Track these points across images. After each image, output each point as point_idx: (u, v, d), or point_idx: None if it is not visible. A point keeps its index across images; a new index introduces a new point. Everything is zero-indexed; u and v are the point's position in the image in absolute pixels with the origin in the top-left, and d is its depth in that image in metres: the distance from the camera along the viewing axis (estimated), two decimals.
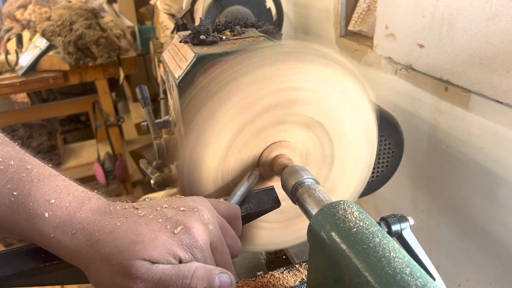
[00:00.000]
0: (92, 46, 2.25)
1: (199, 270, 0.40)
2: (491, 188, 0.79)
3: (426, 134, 0.93)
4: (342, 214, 0.42)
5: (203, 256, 0.42)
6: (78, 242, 0.40)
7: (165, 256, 0.39)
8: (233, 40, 0.73)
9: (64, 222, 0.41)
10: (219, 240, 0.45)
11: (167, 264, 0.39)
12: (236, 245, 0.48)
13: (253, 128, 0.56)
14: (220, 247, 0.45)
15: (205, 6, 1.09)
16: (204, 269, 0.41)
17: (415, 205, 1.03)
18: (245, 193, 0.54)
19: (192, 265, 0.40)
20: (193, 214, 0.43)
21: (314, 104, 0.57)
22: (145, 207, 0.43)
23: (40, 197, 0.41)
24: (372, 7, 1.12)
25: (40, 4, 2.75)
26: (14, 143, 0.46)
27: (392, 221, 0.50)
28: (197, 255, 0.41)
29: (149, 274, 0.38)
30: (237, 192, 0.53)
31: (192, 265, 0.40)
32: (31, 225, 0.41)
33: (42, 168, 0.44)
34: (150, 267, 0.39)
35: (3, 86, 2.19)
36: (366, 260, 0.36)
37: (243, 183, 0.55)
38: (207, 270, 0.41)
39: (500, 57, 0.69)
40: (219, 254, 0.44)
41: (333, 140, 0.60)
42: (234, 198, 0.53)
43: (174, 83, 0.66)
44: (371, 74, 1.08)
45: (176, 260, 0.40)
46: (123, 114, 3.22)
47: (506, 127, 0.73)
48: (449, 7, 0.78)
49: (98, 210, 0.42)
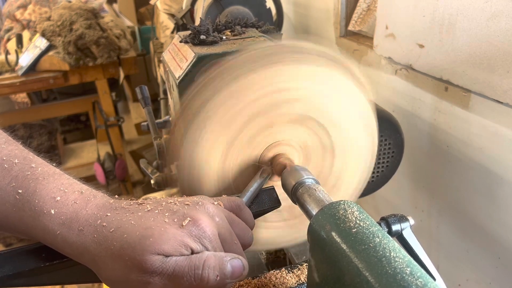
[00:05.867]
0: (92, 46, 2.25)
1: (210, 259, 0.41)
2: (491, 188, 0.79)
3: (426, 134, 0.93)
4: (343, 214, 0.42)
5: (213, 246, 0.42)
6: (85, 239, 0.40)
7: (177, 248, 0.40)
8: (233, 40, 0.73)
9: (71, 219, 0.41)
10: (227, 231, 0.45)
11: (179, 256, 0.40)
12: (247, 235, 0.48)
13: (243, 138, 0.56)
14: (229, 238, 0.45)
15: (205, 6, 1.09)
16: (214, 258, 0.41)
17: (415, 205, 1.03)
18: (257, 190, 0.54)
19: (203, 255, 0.41)
20: (198, 207, 0.44)
21: (299, 101, 0.57)
22: (150, 203, 0.44)
23: (45, 194, 0.41)
24: (372, 7, 1.12)
25: (40, 4, 2.74)
26: (17, 142, 0.47)
27: (392, 221, 0.50)
28: (207, 245, 0.42)
29: (164, 267, 0.39)
30: (249, 189, 0.54)
31: (203, 255, 0.41)
32: (37, 223, 0.41)
33: (46, 166, 0.44)
34: (164, 260, 0.39)
35: (3, 86, 2.19)
36: (366, 260, 0.36)
37: (255, 179, 0.55)
38: (218, 258, 0.41)
39: (500, 57, 0.69)
40: (228, 244, 0.44)
41: (329, 130, 0.60)
42: (247, 195, 0.53)
43: (174, 83, 0.66)
44: (371, 74, 1.08)
45: (188, 251, 0.40)
46: (123, 114, 3.22)
47: (506, 127, 0.73)
48: (449, 7, 0.78)
49: (104, 207, 0.42)
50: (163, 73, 0.98)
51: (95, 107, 2.59)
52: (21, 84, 2.21)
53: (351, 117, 0.60)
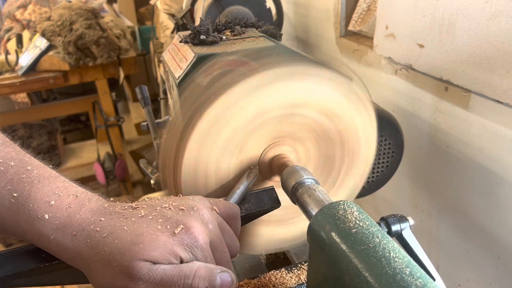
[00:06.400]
0: (92, 46, 2.25)
1: (201, 270, 0.40)
2: (491, 188, 0.79)
3: (426, 134, 0.93)
4: (342, 214, 0.42)
5: (204, 256, 0.42)
6: (78, 244, 0.40)
7: (166, 257, 0.39)
8: (233, 40, 0.73)
9: (64, 224, 0.41)
10: (219, 239, 0.45)
11: (168, 264, 0.39)
12: (235, 245, 0.48)
13: (243, 138, 0.56)
14: (220, 246, 0.45)
15: (205, 6, 1.09)
16: (205, 269, 0.41)
17: (415, 205, 1.03)
18: (245, 192, 0.54)
19: (193, 265, 0.40)
20: (193, 213, 0.43)
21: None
22: (144, 207, 0.43)
23: (40, 198, 0.41)
24: (372, 7, 1.12)
25: (40, 4, 2.75)
26: (14, 143, 0.46)
27: (392, 221, 0.50)
28: (197, 255, 0.41)
29: (150, 275, 0.38)
30: (236, 191, 0.53)
31: (194, 265, 0.40)
32: (31, 227, 0.41)
33: (42, 169, 0.44)
34: (152, 268, 0.39)
35: (3, 86, 2.19)
36: (366, 260, 0.36)
37: (242, 182, 0.54)
38: (209, 269, 0.41)
39: (500, 57, 0.69)
40: (219, 253, 0.44)
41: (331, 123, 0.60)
42: (233, 197, 0.52)
43: (174, 83, 0.66)
44: (371, 74, 1.07)
45: (177, 260, 0.40)
46: (123, 114, 3.22)
47: (506, 127, 0.73)
48: (449, 7, 0.77)
49: (98, 211, 0.42)
50: (163, 73, 0.98)
51: (95, 107, 2.59)
52: (21, 84, 2.20)
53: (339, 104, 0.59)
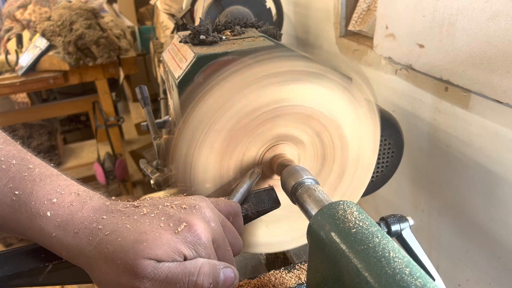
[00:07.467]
0: (92, 46, 2.25)
1: (205, 267, 0.40)
2: (491, 188, 0.79)
3: (426, 134, 0.93)
4: (342, 214, 0.42)
5: (207, 253, 0.42)
6: (80, 242, 0.40)
7: (170, 254, 0.39)
8: (233, 40, 0.73)
9: (66, 221, 0.41)
10: (221, 237, 0.45)
11: (172, 262, 0.40)
12: (237, 243, 0.48)
13: (243, 138, 0.56)
14: (222, 244, 0.45)
15: (205, 6, 1.09)
16: (209, 265, 0.41)
17: (415, 205, 1.03)
18: (247, 191, 0.54)
19: (197, 262, 0.41)
20: (195, 211, 0.43)
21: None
22: (146, 205, 0.43)
23: (42, 196, 0.41)
24: (372, 7, 1.12)
25: (40, 4, 2.74)
26: (16, 142, 0.46)
27: (392, 221, 0.50)
28: (201, 252, 0.41)
29: (155, 273, 0.39)
30: (239, 190, 0.53)
31: (198, 262, 0.41)
32: (33, 225, 0.41)
33: (44, 167, 0.44)
34: (156, 266, 0.39)
35: (3, 86, 2.19)
36: (365, 260, 0.36)
37: (244, 181, 0.55)
38: (212, 265, 0.41)
39: (500, 57, 0.69)
40: (221, 251, 0.44)
41: (331, 131, 0.60)
42: (236, 196, 0.53)
43: (174, 83, 0.66)
44: (371, 74, 1.08)
45: (181, 258, 0.40)
46: (123, 114, 3.22)
47: (506, 127, 0.73)
48: (449, 7, 0.77)
49: (100, 209, 0.42)
50: (163, 73, 0.98)
51: (95, 107, 2.59)
52: (21, 84, 2.21)
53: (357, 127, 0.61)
